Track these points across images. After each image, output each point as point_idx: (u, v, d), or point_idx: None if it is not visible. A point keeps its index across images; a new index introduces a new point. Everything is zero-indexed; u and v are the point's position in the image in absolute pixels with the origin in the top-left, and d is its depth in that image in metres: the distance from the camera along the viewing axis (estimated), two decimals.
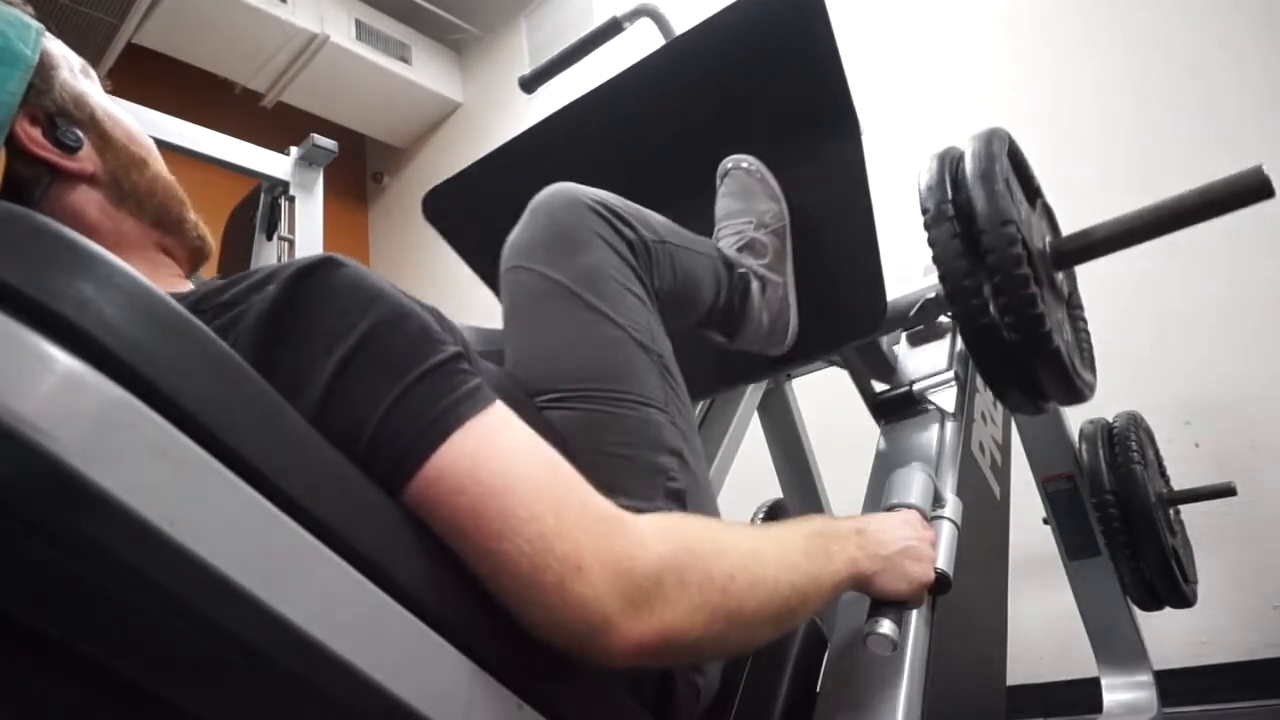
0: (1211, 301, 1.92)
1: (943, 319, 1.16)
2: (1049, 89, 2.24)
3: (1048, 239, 1.02)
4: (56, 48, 0.65)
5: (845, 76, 1.01)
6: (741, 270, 0.96)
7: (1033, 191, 1.04)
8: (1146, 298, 2.00)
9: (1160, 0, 2.11)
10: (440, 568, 0.44)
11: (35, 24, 0.62)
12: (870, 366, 1.20)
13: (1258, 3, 1.95)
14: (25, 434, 0.29)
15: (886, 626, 0.63)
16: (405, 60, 3.95)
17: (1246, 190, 0.87)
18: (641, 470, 0.66)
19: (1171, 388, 1.94)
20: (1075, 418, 1.58)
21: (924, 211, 0.93)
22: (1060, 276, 1.02)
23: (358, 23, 3.78)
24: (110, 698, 0.36)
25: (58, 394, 0.30)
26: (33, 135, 0.60)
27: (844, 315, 1.07)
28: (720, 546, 0.51)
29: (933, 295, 1.13)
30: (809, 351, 1.09)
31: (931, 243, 0.92)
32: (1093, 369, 1.06)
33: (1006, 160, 0.96)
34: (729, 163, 1.08)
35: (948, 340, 1.12)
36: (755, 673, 0.73)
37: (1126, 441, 1.52)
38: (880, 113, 2.14)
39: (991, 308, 0.88)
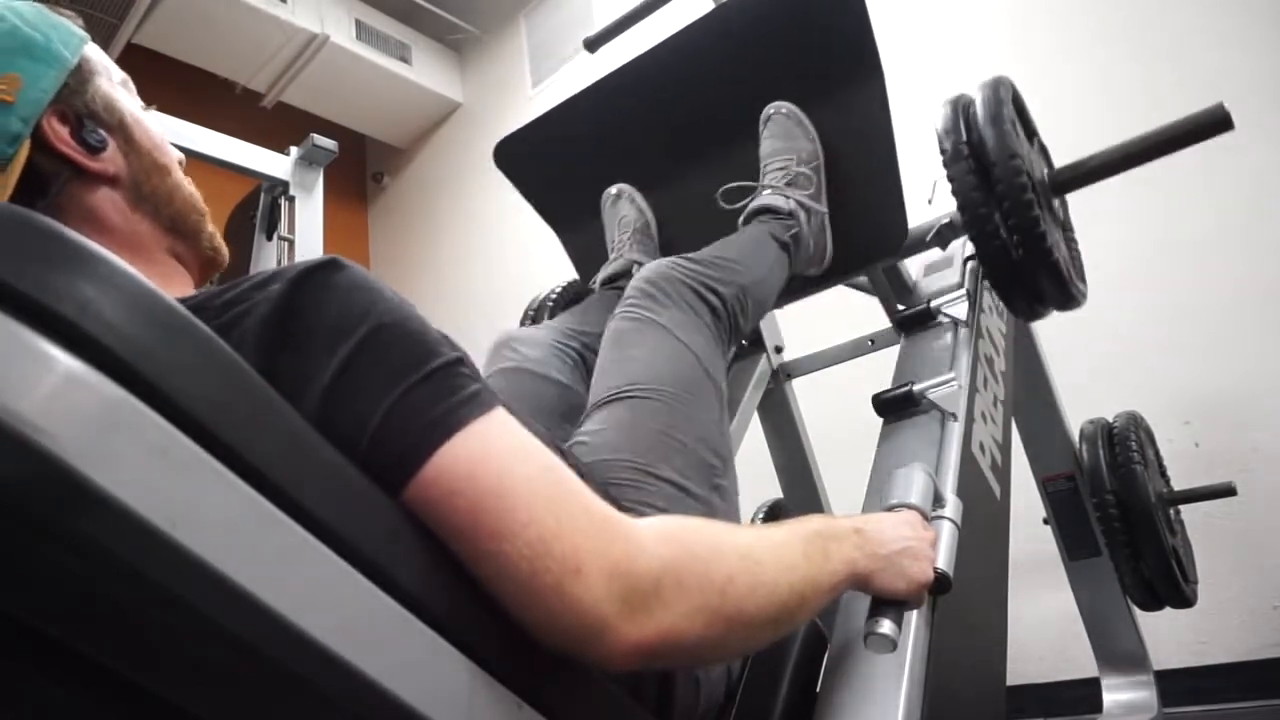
0: (1212, 301, 1.92)
1: (942, 318, 1.18)
2: (1054, 84, 2.23)
3: (1045, 171, 1.17)
4: (99, 58, 0.67)
5: (872, 29, 1.13)
6: (794, 230, 1.16)
7: (1031, 131, 1.18)
8: (1147, 298, 2.00)
9: None
10: (440, 568, 0.44)
11: (82, 33, 0.65)
12: (893, 286, 1.36)
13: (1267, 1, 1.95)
14: (25, 434, 0.29)
15: (886, 626, 0.63)
16: (405, 60, 3.95)
17: (1212, 123, 1.02)
18: (697, 460, 0.79)
19: (1171, 388, 1.94)
20: (1075, 418, 1.59)
21: (942, 151, 1.05)
22: (1056, 203, 1.18)
23: (358, 23, 3.78)
24: (110, 698, 0.36)
25: (58, 394, 0.30)
26: (59, 133, 0.62)
27: (871, 239, 1.22)
28: (719, 549, 0.51)
29: (947, 221, 1.27)
30: (841, 271, 1.25)
31: (950, 178, 1.04)
32: (1084, 280, 1.20)
33: (1011, 105, 1.09)
34: (770, 109, 1.24)
35: (948, 339, 1.13)
36: (755, 673, 0.73)
37: (1126, 441, 1.52)
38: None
39: (1002, 230, 1.03)
